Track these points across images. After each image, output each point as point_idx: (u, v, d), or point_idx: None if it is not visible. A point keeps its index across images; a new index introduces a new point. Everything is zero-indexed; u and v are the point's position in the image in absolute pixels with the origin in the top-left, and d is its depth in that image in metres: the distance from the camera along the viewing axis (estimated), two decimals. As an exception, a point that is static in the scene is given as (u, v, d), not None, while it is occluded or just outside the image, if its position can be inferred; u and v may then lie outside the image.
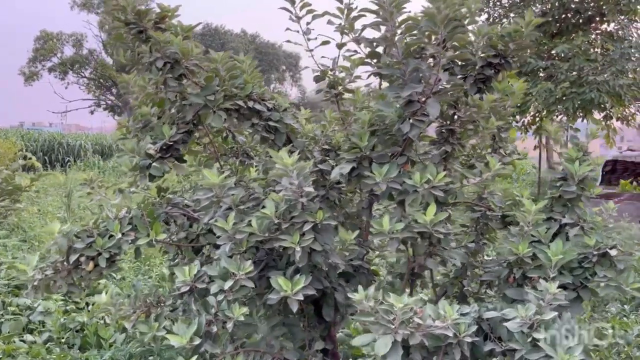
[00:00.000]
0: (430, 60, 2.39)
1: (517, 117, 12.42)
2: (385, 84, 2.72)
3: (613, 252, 2.15)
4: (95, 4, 45.87)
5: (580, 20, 11.96)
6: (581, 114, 11.51)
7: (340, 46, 2.76)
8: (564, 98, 10.86)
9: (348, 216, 2.88)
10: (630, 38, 11.62)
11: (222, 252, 2.29)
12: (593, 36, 12.01)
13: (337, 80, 2.79)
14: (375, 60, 2.56)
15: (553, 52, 11.87)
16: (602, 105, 10.93)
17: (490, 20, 13.44)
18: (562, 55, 11.22)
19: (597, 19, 12.03)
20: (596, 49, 11.86)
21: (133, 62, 2.74)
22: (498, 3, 13.70)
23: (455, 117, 2.46)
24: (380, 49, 2.55)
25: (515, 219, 2.63)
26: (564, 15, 12.16)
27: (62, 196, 11.27)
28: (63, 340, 4.29)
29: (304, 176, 2.19)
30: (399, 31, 2.32)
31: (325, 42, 2.79)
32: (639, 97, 11.10)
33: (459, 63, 2.57)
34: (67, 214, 8.20)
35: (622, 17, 11.77)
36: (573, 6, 11.97)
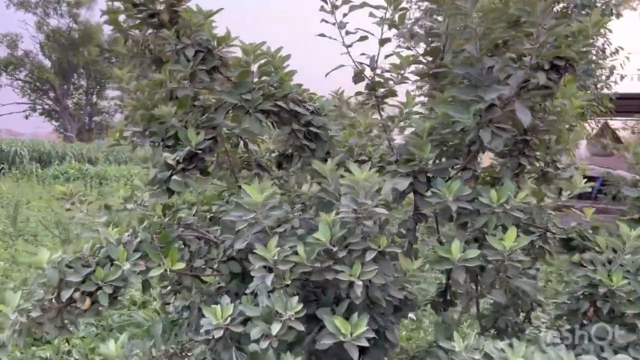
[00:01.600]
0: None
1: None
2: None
3: None
4: (32, 4, 43.60)
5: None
6: (543, 128, 11.62)
7: (382, 42, 2.39)
8: (528, 111, 10.93)
9: (386, 238, 2.50)
10: (590, 56, 11.86)
11: (262, 287, 1.86)
12: (553, 52, 12.19)
13: (378, 82, 2.41)
14: (431, 59, 2.21)
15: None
16: (566, 120, 11.05)
17: None
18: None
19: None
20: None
21: (133, 53, 2.28)
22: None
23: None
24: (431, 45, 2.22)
25: (582, 243, 2.34)
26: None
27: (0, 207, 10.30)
28: (21, 380, 3.67)
29: (372, 195, 1.79)
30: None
31: (363, 38, 2.42)
32: (599, 113, 11.29)
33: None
34: (13, 228, 7.35)
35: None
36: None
